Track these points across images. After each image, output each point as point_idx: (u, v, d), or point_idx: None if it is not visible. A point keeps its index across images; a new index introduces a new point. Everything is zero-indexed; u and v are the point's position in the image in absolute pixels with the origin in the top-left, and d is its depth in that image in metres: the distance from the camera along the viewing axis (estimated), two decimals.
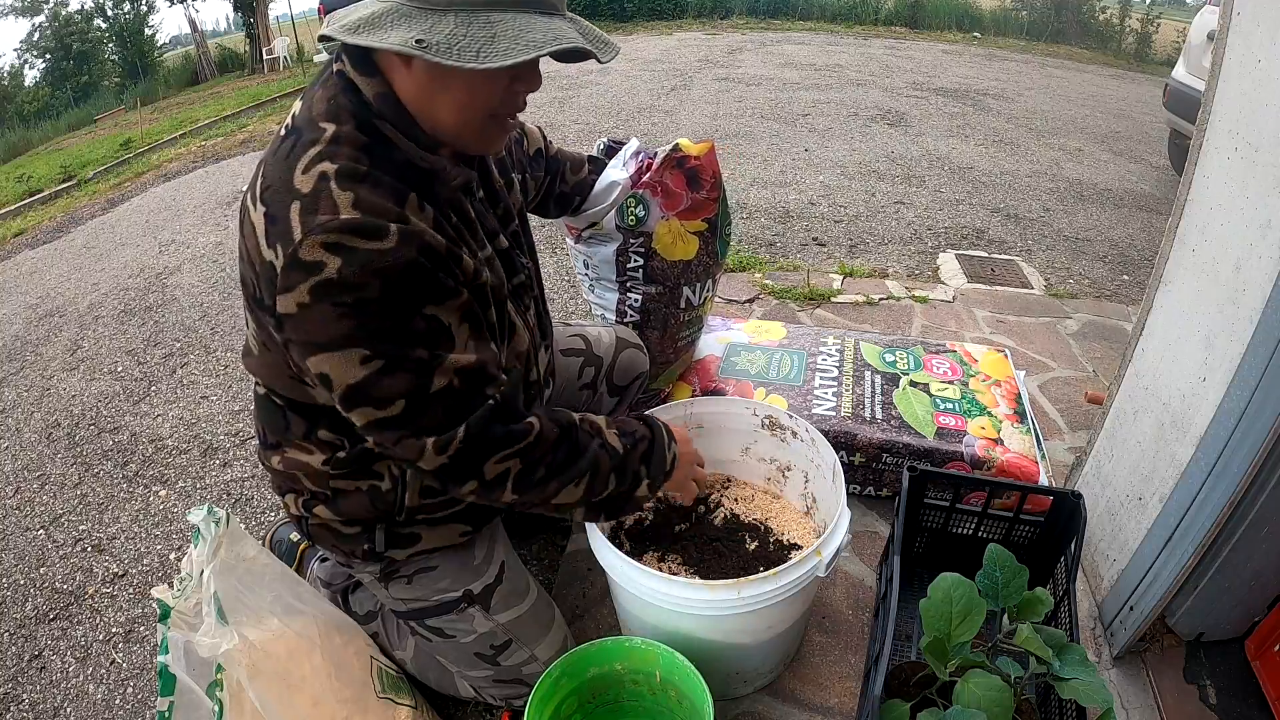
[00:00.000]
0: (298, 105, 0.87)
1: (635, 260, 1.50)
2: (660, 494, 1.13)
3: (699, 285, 1.59)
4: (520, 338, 1.03)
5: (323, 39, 0.82)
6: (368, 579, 1.13)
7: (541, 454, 0.93)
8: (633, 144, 1.48)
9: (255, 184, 0.83)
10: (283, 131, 0.85)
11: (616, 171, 1.43)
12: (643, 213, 1.44)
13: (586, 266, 1.57)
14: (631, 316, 1.58)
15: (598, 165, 1.44)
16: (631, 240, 1.48)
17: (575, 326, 1.43)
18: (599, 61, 0.83)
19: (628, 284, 1.55)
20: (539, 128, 1.36)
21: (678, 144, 1.45)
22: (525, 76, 0.85)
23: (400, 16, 0.77)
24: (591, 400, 1.42)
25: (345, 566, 1.16)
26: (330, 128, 0.81)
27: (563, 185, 1.39)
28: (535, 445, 0.92)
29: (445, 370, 0.83)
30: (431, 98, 0.82)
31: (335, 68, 0.85)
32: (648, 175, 1.43)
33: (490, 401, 0.88)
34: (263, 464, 1.08)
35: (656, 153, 1.46)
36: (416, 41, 0.74)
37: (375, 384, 0.80)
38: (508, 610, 1.12)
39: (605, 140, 1.55)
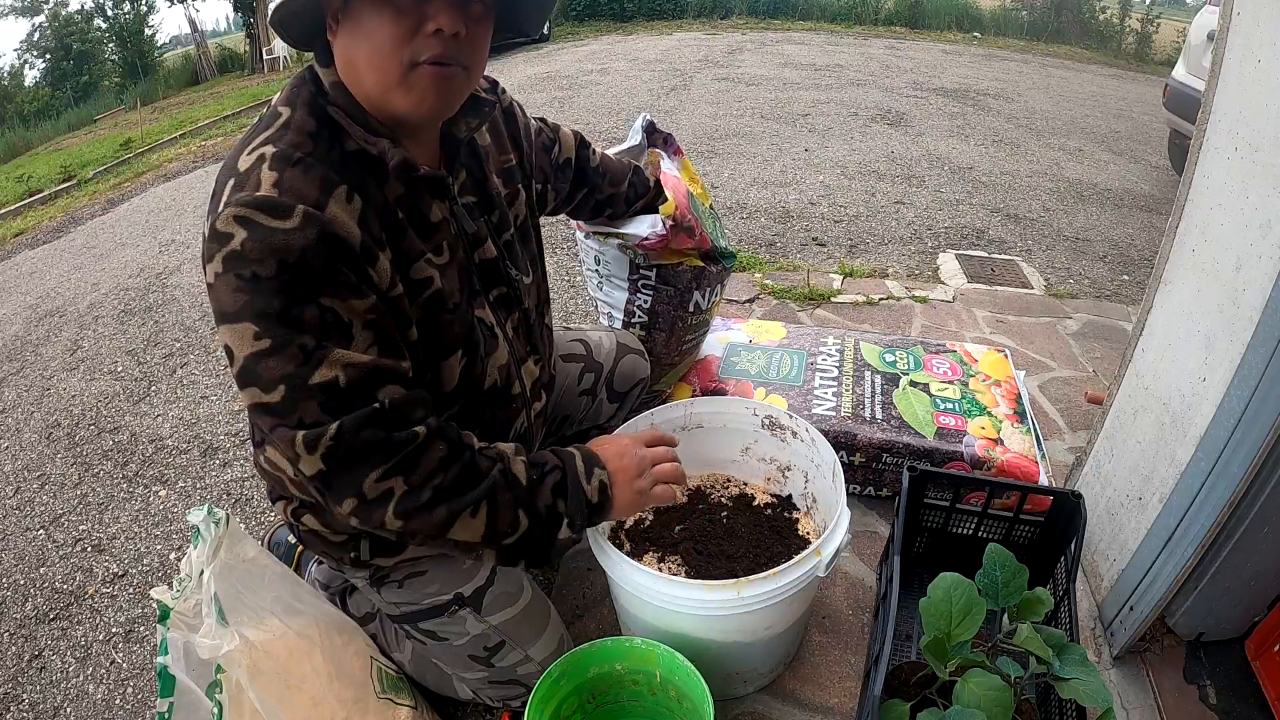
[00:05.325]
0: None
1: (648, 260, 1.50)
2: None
3: (709, 290, 1.59)
4: (500, 350, 1.02)
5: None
6: (360, 583, 1.12)
7: (428, 471, 0.85)
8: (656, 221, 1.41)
9: None
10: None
11: (644, 228, 1.40)
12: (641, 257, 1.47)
13: (598, 263, 1.56)
14: (640, 318, 1.58)
15: (639, 177, 1.37)
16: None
17: (576, 331, 1.41)
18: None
19: (639, 283, 1.54)
20: (577, 133, 1.30)
21: (670, 216, 1.41)
22: (437, 8, 0.78)
23: None
24: (591, 406, 1.40)
25: (338, 571, 1.15)
26: (285, 113, 0.84)
27: (598, 195, 1.34)
28: (418, 458, 0.84)
29: (332, 362, 0.79)
30: (355, 65, 0.82)
31: (309, 62, 0.89)
32: (656, 242, 1.41)
33: (375, 405, 0.82)
34: (255, 467, 1.08)
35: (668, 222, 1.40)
36: None
37: (260, 363, 0.78)
38: (500, 612, 1.11)
39: (646, 115, 1.53)
